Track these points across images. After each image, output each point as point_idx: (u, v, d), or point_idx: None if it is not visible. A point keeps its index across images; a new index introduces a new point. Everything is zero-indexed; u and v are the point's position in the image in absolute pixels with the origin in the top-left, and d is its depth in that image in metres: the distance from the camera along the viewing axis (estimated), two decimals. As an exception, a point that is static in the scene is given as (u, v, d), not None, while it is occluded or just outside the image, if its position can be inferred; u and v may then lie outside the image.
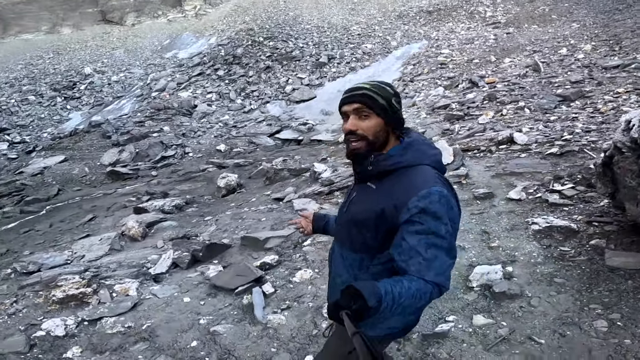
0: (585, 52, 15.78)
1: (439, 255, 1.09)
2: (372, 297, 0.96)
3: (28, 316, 3.23)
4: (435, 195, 1.12)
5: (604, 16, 19.35)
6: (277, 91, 20.51)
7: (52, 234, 7.40)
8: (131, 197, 8.91)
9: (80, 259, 4.71)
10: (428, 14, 27.00)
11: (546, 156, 5.41)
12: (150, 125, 16.60)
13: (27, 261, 4.57)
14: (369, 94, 1.23)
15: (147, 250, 4.58)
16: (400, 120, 1.28)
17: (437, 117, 10.66)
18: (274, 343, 2.60)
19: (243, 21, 29.83)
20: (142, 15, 31.62)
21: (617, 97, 8.80)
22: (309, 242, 3.99)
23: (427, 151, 1.27)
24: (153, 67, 26.83)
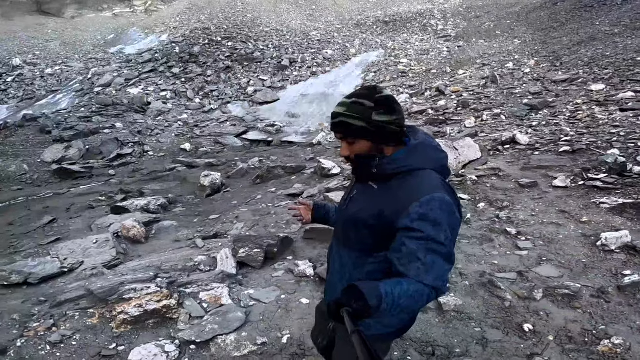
0: (530, 66, 17.23)
1: (437, 260, 1.09)
2: (373, 296, 0.97)
3: (90, 345, 2.45)
4: (436, 202, 1.11)
5: (541, 33, 21.38)
6: (239, 92, 19.84)
7: (2, 239, 6.23)
8: (98, 197, 7.86)
9: (78, 265, 3.93)
10: (384, 24, 28.02)
11: (560, 153, 5.68)
12: (99, 121, 15.07)
13: (8, 270, 3.71)
14: (344, 121, 1.20)
15: (183, 251, 3.88)
16: (391, 132, 1.21)
17: (416, 121, 10.88)
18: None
19: (198, 20, 28.68)
20: (84, 8, 29.16)
21: (577, 108, 9.61)
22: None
23: (432, 155, 1.25)
24: (95, 61, 24.70)
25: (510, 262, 3.12)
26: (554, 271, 2.89)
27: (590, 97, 10.60)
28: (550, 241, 3.36)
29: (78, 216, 6.84)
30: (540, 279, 2.82)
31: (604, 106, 9.48)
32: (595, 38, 17.91)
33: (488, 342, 2.25)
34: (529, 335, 2.28)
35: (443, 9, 29.50)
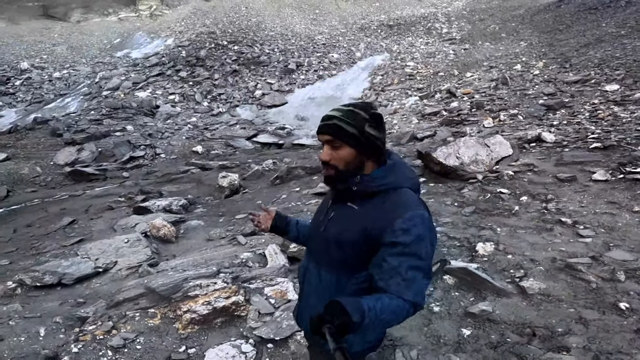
0: (539, 68, 17.23)
1: (417, 277, 1.11)
2: (355, 312, 0.96)
3: (156, 348, 2.33)
4: (419, 218, 1.13)
5: (547, 36, 21.42)
6: (246, 95, 19.85)
7: (23, 240, 6.17)
8: (117, 198, 7.80)
9: (112, 265, 3.85)
10: (389, 27, 28.11)
11: (592, 149, 5.65)
12: (109, 123, 15.05)
13: (40, 271, 3.62)
14: (338, 124, 1.20)
15: (225, 249, 3.80)
16: (376, 147, 1.23)
17: (430, 122, 10.85)
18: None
19: (203, 24, 28.79)
20: (89, 12, 29.28)
21: (595, 108, 9.59)
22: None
23: (407, 174, 1.27)
24: (102, 65, 24.76)
25: (577, 249, 3.10)
26: (627, 255, 2.87)
27: (606, 97, 10.59)
28: (611, 229, 3.34)
29: (98, 217, 6.77)
30: (616, 262, 2.80)
31: (622, 105, 9.46)
32: (602, 40, 17.95)
33: (588, 321, 2.22)
34: (628, 313, 2.25)
35: (446, 12, 29.64)
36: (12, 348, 2.60)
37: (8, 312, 3.21)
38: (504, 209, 4.04)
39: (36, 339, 2.66)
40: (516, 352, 2.02)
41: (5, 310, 3.25)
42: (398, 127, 11.45)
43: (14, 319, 3.03)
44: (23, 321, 2.99)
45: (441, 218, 3.82)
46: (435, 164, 5.30)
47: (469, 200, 4.37)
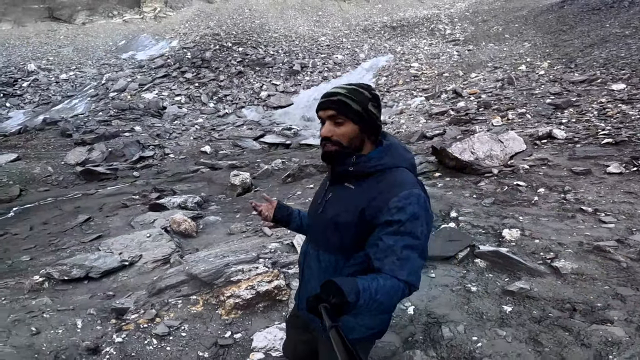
0: (544, 68, 17.29)
1: (412, 256, 1.11)
2: (351, 292, 0.97)
3: (202, 335, 2.35)
4: (414, 197, 1.14)
5: (551, 36, 21.47)
6: (252, 96, 19.97)
7: (40, 237, 6.25)
8: (131, 196, 7.89)
9: (138, 258, 3.93)
10: (392, 29, 28.24)
11: (603, 145, 5.73)
12: (118, 124, 15.18)
13: (68, 264, 3.69)
14: (343, 100, 1.21)
15: (252, 240, 3.87)
16: (377, 127, 1.26)
17: (438, 122, 10.93)
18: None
19: (207, 26, 28.97)
20: (94, 14, 29.49)
21: (603, 106, 9.65)
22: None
23: (404, 154, 1.28)
24: (108, 67, 24.92)
25: (601, 234, 3.18)
26: (651, 238, 2.94)
27: (613, 96, 10.65)
28: (632, 216, 3.43)
29: (114, 214, 6.85)
30: (642, 245, 2.87)
31: (630, 104, 9.52)
32: (607, 40, 18.00)
33: (624, 296, 2.30)
34: (662, 289, 2.32)
35: (449, 14, 29.75)
36: (49, 341, 2.61)
37: (38, 306, 3.24)
38: (523, 200, 4.12)
39: (73, 331, 2.70)
40: (561, 325, 2.10)
41: (35, 304, 3.29)
42: (406, 127, 11.53)
43: (47, 312, 3.06)
44: (57, 314, 3.03)
45: (462, 209, 3.89)
46: (450, 159, 5.37)
47: (487, 193, 4.44)
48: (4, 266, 4.82)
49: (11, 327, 2.71)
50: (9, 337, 2.54)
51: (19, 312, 3.05)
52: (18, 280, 4.05)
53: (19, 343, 2.46)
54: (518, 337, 2.08)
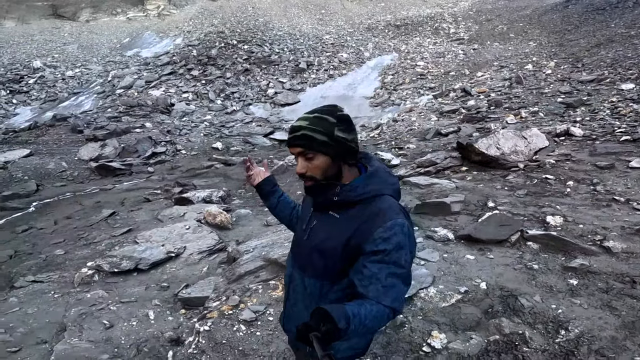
0: (551, 68, 17.39)
1: (396, 283, 1.12)
2: (341, 318, 0.96)
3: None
4: (399, 227, 1.14)
5: (556, 36, 21.57)
6: (259, 94, 20.05)
7: (67, 231, 6.31)
8: (153, 191, 7.97)
9: (182, 250, 4.00)
10: (396, 27, 28.32)
11: (622, 142, 5.86)
12: (128, 120, 15.24)
13: (118, 256, 3.76)
14: (307, 134, 1.17)
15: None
16: (350, 150, 1.22)
17: (450, 119, 11.03)
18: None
19: (211, 24, 28.99)
20: (98, 12, 29.50)
21: (614, 105, 9.77)
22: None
23: (387, 179, 1.26)
24: (113, 64, 24.93)
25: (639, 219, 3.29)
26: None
27: (623, 95, 10.77)
28: None
29: (138, 209, 6.92)
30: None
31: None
32: (613, 40, 18.11)
33: None
34: None
35: (453, 13, 29.84)
36: (126, 333, 2.63)
37: (94, 299, 3.27)
38: (555, 192, 4.24)
39: (147, 322, 2.72)
40: (628, 294, 2.24)
41: (91, 297, 3.32)
42: (418, 124, 11.63)
43: (113, 304, 3.08)
44: (123, 306, 3.05)
45: (498, 199, 4.01)
46: (476, 154, 5.49)
47: (517, 185, 4.56)
48: (39, 260, 4.88)
49: (80, 321, 2.77)
50: (81, 332, 2.60)
51: (79, 306, 3.10)
52: (60, 274, 4.10)
53: (95, 337, 2.52)
54: (593, 305, 2.22)
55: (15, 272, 4.38)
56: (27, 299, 3.41)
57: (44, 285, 3.70)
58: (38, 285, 3.71)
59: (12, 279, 4.11)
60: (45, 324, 2.91)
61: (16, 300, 3.40)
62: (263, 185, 1.60)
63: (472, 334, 2.06)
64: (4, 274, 4.41)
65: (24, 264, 4.71)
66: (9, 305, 3.29)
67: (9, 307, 3.25)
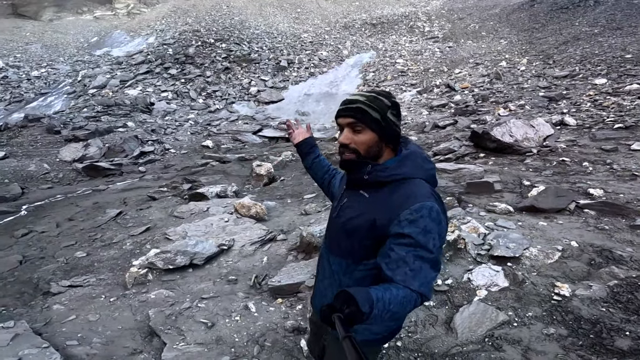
0: (524, 64, 18.23)
1: (424, 267, 1.09)
2: (365, 302, 0.96)
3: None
4: (426, 209, 1.12)
5: (525, 34, 22.58)
6: (241, 92, 19.77)
7: (75, 233, 5.95)
8: (159, 188, 7.69)
9: (232, 243, 3.89)
10: (372, 26, 28.73)
11: (616, 129, 6.27)
12: (109, 120, 14.60)
13: (172, 251, 3.58)
14: (362, 107, 1.21)
15: None
16: (396, 134, 1.24)
17: (442, 113, 11.34)
18: None
19: (185, 22, 28.24)
20: (62, 11, 28.11)
21: (592, 98, 10.40)
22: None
23: (422, 165, 1.25)
24: (82, 63, 23.82)
25: None
26: None
27: (599, 89, 11.46)
28: None
29: (147, 207, 6.65)
30: None
31: (617, 96, 10.29)
32: (579, 38, 19.19)
33: None
34: None
35: (426, 11, 30.63)
36: (235, 330, 2.51)
37: (161, 299, 3.06)
38: (577, 171, 4.50)
39: (252, 316, 2.63)
40: None
41: (155, 297, 3.10)
42: (411, 119, 11.90)
43: (196, 302, 2.91)
44: (210, 302, 2.91)
45: (530, 179, 4.22)
46: (492, 141, 5.71)
47: (540, 167, 4.79)
48: (60, 264, 4.56)
49: (171, 323, 2.60)
50: (183, 335, 2.44)
51: (151, 308, 2.90)
52: (97, 277, 3.86)
53: (203, 339, 2.38)
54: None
55: (37, 277, 4.10)
56: (75, 305, 3.15)
57: (85, 289, 3.45)
58: (79, 290, 3.46)
59: (38, 285, 3.85)
60: (120, 330, 2.69)
61: (63, 307, 3.13)
62: (302, 145, 1.64)
63: (589, 282, 2.25)
64: (24, 280, 4.10)
65: (42, 269, 4.41)
66: (59, 313, 3.01)
67: (62, 316, 2.96)
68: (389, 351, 2.01)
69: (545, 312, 2.09)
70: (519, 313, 2.14)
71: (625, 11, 20.17)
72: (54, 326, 2.72)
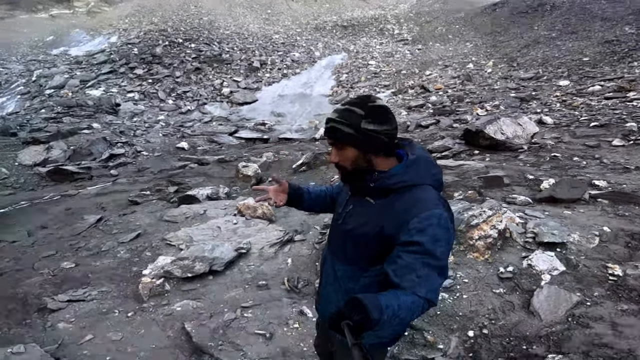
0: (490, 67, 18.96)
1: (431, 274, 1.10)
2: (374, 309, 0.96)
3: (481, 277, 2.48)
4: (435, 218, 1.12)
5: (489, 37, 23.51)
6: (213, 93, 19.23)
7: (52, 242, 5.38)
8: (140, 192, 7.20)
9: (248, 246, 3.63)
10: (343, 28, 28.94)
11: (593, 127, 6.60)
12: (71, 121, 13.69)
13: (189, 257, 3.29)
14: (334, 126, 1.22)
15: None
16: (378, 143, 1.20)
17: (420, 113, 11.53)
18: None
19: (150, 22, 27.16)
20: (16, 9, 26.29)
21: (559, 99, 10.94)
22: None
23: (429, 170, 1.24)
24: (37, 63, 22.29)
25: None
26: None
27: (564, 90, 12.08)
28: None
29: (131, 212, 6.19)
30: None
31: (582, 97, 10.87)
32: (538, 41, 20.21)
33: None
34: None
35: (395, 14, 31.26)
36: (300, 338, 2.38)
37: (190, 310, 2.77)
38: (572, 165, 4.65)
39: (311, 322, 2.48)
40: None
41: (180, 309, 2.79)
42: (390, 118, 12.00)
43: (242, 310, 2.68)
44: (258, 310, 2.70)
45: (533, 173, 4.29)
46: (485, 139, 5.83)
47: (536, 162, 4.91)
48: (46, 277, 3.97)
49: (223, 338, 2.32)
50: (242, 351, 2.21)
51: (189, 322, 2.58)
52: (98, 289, 3.45)
53: (267, 352, 2.19)
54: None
55: (23, 292, 3.63)
56: (86, 323, 2.78)
57: (91, 304, 3.09)
58: (82, 305, 3.09)
59: (27, 301, 3.41)
60: (154, 350, 2.38)
61: (71, 326, 2.76)
62: (290, 198, 1.56)
63: (634, 263, 2.28)
64: (7, 296, 3.62)
65: (24, 282, 3.91)
66: (70, 333, 2.62)
67: (74, 336, 2.57)
68: (477, 339, 1.97)
69: (610, 291, 2.21)
70: (586, 293, 2.24)
71: (579, 16, 21.42)
72: (70, 349, 2.40)
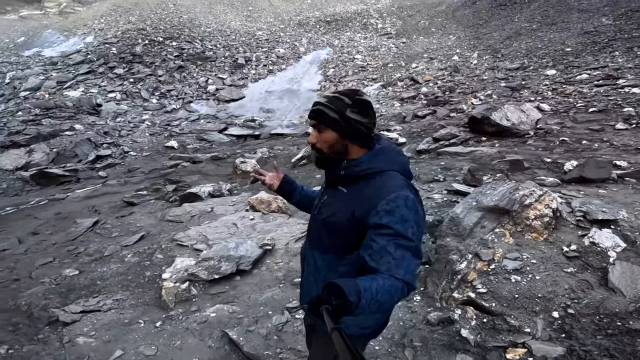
0: (475, 58, 19.13)
1: (406, 255, 1.12)
2: (352, 292, 0.97)
3: (545, 258, 2.40)
4: (401, 199, 1.15)
5: (471, 30, 23.73)
6: (199, 91, 18.79)
7: (48, 248, 5.10)
8: (137, 192, 6.88)
9: (272, 242, 3.43)
10: (327, 23, 28.76)
11: (592, 112, 6.64)
12: (51, 123, 13.09)
13: (215, 258, 3.08)
14: (321, 109, 1.28)
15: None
16: (359, 131, 1.27)
17: (414, 104, 11.50)
18: None
19: (128, 21, 26.32)
20: (-16, 11, 25.11)
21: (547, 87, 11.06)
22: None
23: (396, 158, 1.30)
24: (9, 65, 21.33)
25: None
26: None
27: (552, 79, 12.24)
28: None
29: (129, 214, 5.91)
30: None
31: (573, 85, 11.02)
32: (520, 33, 20.49)
33: None
34: None
35: (377, 9, 31.24)
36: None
37: (227, 315, 2.57)
38: (584, 148, 4.65)
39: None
40: None
41: (216, 315, 2.58)
42: (385, 110, 11.94)
43: (290, 312, 2.52)
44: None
45: (550, 156, 4.26)
46: (491, 126, 5.79)
47: (546, 147, 4.89)
48: (49, 287, 3.70)
49: (279, 345, 2.15)
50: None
51: (231, 329, 2.39)
52: (112, 297, 3.21)
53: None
54: None
55: (26, 303, 3.35)
56: (109, 336, 2.54)
57: (109, 315, 2.84)
58: (99, 315, 2.84)
59: (32, 313, 3.15)
60: None
61: (94, 340, 2.51)
62: (283, 187, 1.63)
63: None
64: (8, 308, 3.33)
65: (24, 293, 3.63)
66: (95, 349, 2.39)
67: (101, 352, 2.35)
68: (564, 320, 1.88)
69: (677, 266, 2.14)
70: (656, 269, 2.17)
71: (556, 7, 21.77)
72: (101, 368, 2.14)
